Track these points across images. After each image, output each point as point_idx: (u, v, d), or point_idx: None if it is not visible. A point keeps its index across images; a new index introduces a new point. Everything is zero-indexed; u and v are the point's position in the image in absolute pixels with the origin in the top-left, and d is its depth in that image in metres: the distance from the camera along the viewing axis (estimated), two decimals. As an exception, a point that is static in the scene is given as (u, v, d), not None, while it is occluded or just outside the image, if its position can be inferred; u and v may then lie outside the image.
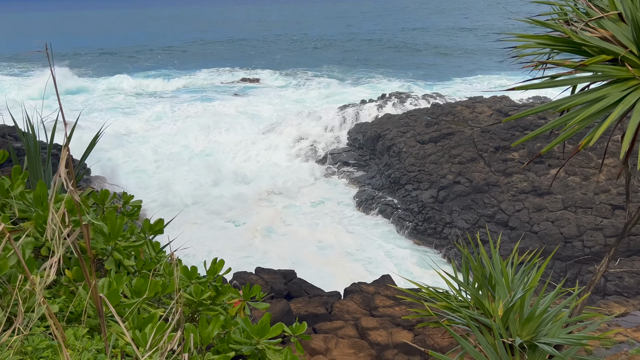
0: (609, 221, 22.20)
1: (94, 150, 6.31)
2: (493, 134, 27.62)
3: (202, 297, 2.86)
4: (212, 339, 2.74)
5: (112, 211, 3.71)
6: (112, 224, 3.14)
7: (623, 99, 2.20)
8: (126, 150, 36.59)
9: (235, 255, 23.68)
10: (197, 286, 2.89)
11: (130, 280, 2.97)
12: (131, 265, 3.27)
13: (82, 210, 3.31)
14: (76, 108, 44.50)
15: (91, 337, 2.38)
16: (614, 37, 2.38)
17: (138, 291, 2.86)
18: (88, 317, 2.65)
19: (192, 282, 3.04)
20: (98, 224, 3.19)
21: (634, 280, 20.04)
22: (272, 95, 52.66)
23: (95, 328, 2.59)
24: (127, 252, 3.32)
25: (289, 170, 33.32)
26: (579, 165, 24.90)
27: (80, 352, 2.12)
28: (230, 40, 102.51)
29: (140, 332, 2.38)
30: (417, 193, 27.39)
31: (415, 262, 23.32)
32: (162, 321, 2.44)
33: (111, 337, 2.28)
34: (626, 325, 13.43)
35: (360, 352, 12.51)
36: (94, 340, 2.29)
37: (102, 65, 75.12)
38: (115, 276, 2.80)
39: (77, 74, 64.61)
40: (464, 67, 64.88)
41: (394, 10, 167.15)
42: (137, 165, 34.66)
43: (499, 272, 3.31)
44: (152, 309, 2.91)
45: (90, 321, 2.64)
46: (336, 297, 16.21)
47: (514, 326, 2.97)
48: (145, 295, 2.82)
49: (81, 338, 2.23)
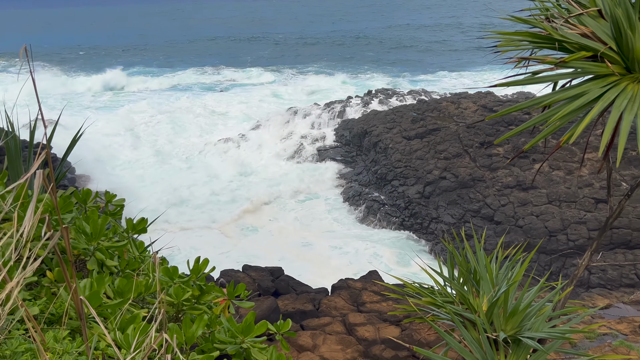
0: (592, 215, 22.47)
1: (81, 149, 6.24)
2: (478, 130, 27.80)
3: (184, 297, 2.83)
4: (197, 338, 2.72)
5: (94, 210, 3.66)
6: (94, 223, 3.10)
7: (603, 95, 2.21)
8: (113, 150, 36.27)
9: (221, 252, 23.61)
10: (178, 287, 2.86)
11: (113, 280, 2.93)
12: (114, 265, 3.23)
13: (62, 210, 3.27)
14: (57, 107, 43.92)
15: (72, 340, 2.34)
16: (594, 33, 2.39)
17: (121, 292, 2.82)
18: (70, 319, 2.62)
19: (175, 281, 3.01)
20: (80, 224, 3.15)
21: (617, 273, 20.32)
22: (258, 93, 52.44)
23: (77, 330, 2.56)
24: (110, 252, 3.28)
25: (279, 176, 32.37)
26: (563, 160, 25.15)
27: (61, 354, 2.09)
28: (216, 37, 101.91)
29: (123, 334, 2.35)
30: (403, 189, 27.49)
31: (403, 258, 23.42)
32: (145, 322, 2.41)
33: (92, 339, 2.25)
34: (609, 317, 13.62)
35: (348, 348, 12.55)
36: (75, 343, 2.26)
37: (86, 62, 74.28)
38: (97, 277, 2.77)
39: (64, 72, 63.96)
40: (449, 64, 65.16)
41: (379, 6, 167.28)
42: (123, 163, 34.39)
43: (483, 267, 3.32)
44: (135, 310, 2.88)
45: (72, 323, 2.60)
46: (324, 293, 16.23)
47: (498, 321, 2.99)
48: (128, 295, 2.79)
49: (61, 340, 2.20)
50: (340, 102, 42.30)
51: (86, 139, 34.31)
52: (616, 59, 2.29)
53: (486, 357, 2.84)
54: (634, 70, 2.26)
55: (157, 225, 4.46)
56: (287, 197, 29.90)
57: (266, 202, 29.40)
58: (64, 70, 67.11)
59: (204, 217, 27.71)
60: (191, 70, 66.74)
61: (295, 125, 39.03)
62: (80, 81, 58.79)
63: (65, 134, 15.72)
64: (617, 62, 2.29)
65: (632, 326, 12.75)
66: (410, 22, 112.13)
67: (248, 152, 36.48)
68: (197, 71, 66.03)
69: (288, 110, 41.55)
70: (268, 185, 31.17)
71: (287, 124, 39.47)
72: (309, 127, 38.54)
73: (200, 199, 29.54)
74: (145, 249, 3.82)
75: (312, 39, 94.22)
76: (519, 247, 3.73)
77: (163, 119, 43.59)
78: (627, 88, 2.22)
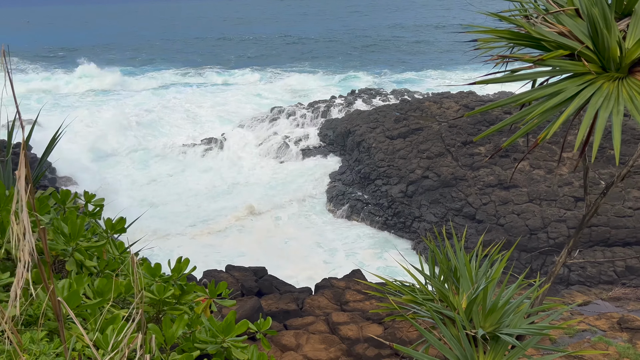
0: (572, 213, 22.80)
1: (62, 150, 6.15)
2: (460, 129, 28.02)
3: (165, 296, 2.81)
4: (177, 338, 2.70)
5: (73, 211, 3.62)
6: (72, 224, 3.06)
7: (579, 93, 2.24)
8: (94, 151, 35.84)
9: (203, 252, 23.47)
10: (160, 285, 2.84)
11: (93, 281, 2.90)
12: (93, 265, 3.20)
13: (40, 211, 3.22)
14: (39, 108, 43.26)
15: (50, 341, 2.31)
16: (571, 32, 2.43)
17: (100, 292, 2.79)
18: (48, 320, 2.58)
19: (156, 280, 2.98)
20: (58, 225, 3.11)
21: (595, 270, 20.65)
22: (241, 92, 52.25)
23: (55, 331, 2.53)
24: (90, 253, 3.24)
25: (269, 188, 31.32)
26: (543, 159, 25.47)
27: (37, 356, 2.06)
28: (200, 37, 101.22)
29: (102, 334, 2.32)
30: (386, 188, 27.60)
31: (386, 257, 23.52)
32: (124, 322, 2.39)
33: (71, 339, 2.23)
34: (588, 313, 13.83)
35: (331, 347, 12.56)
36: (52, 344, 2.23)
37: (67, 62, 73.26)
38: (76, 277, 2.73)
39: (45, 72, 63.12)
40: (432, 63, 65.60)
41: (362, 7, 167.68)
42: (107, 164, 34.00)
43: (463, 265, 3.35)
44: (115, 310, 2.85)
45: (50, 324, 2.57)
46: (307, 292, 16.23)
47: (477, 318, 3.02)
48: (108, 296, 2.76)
49: (39, 342, 2.17)
50: (324, 102, 42.35)
51: (67, 140, 33.88)
52: (593, 58, 2.32)
53: (465, 354, 2.86)
54: (610, 69, 2.29)
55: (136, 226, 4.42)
56: (270, 197, 29.83)
57: (248, 201, 29.29)
58: (45, 70, 66.16)
59: (185, 219, 27.49)
60: (172, 70, 66.25)
61: (279, 124, 38.99)
62: (61, 81, 58.01)
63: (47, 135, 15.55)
64: (594, 61, 2.33)
65: (611, 322, 12.96)
66: (393, 23, 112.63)
67: (231, 152, 36.33)
68: (179, 71, 65.57)
69: (272, 110, 41.49)
70: (250, 185, 31.07)
71: (270, 123, 39.41)
72: (293, 127, 38.51)
73: (182, 200, 29.33)
74: (125, 249, 3.78)
75: (295, 38, 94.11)
76: (498, 245, 3.76)
77: (145, 119, 43.20)
78: (602, 86, 2.25)
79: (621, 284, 19.69)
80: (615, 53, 2.24)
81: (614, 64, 2.26)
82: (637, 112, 2.11)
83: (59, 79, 59.48)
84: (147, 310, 2.98)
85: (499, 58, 2.66)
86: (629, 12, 2.44)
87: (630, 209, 22.18)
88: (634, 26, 2.30)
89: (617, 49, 2.24)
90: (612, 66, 2.27)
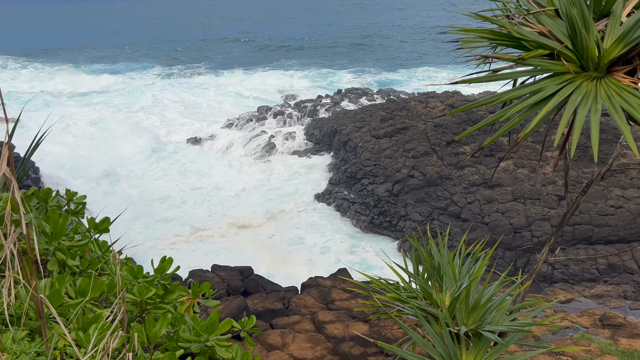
0: (555, 211, 23.05)
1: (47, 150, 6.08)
2: (445, 129, 28.19)
3: (146, 297, 2.80)
4: (161, 337, 2.69)
5: (55, 210, 3.59)
6: (54, 223, 3.04)
7: (558, 91, 2.28)
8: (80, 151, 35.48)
9: (187, 251, 23.38)
10: (143, 285, 2.83)
11: (75, 280, 2.88)
12: (76, 265, 3.17)
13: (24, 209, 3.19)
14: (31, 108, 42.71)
15: (31, 340, 2.30)
16: (551, 32, 2.46)
17: (83, 291, 2.77)
18: (29, 320, 2.56)
19: (139, 280, 2.97)
20: (39, 224, 3.08)
21: (578, 268, 20.91)
22: (228, 92, 52.09)
23: (37, 330, 2.51)
24: (72, 252, 3.22)
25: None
26: (527, 158, 25.73)
27: (18, 355, 2.05)
28: (184, 36, 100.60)
29: (85, 333, 2.31)
30: (372, 187, 27.70)
31: (372, 255, 23.60)
32: (106, 321, 2.38)
33: (52, 338, 2.21)
34: (571, 310, 14.01)
35: (317, 345, 12.58)
36: (33, 343, 2.21)
37: (50, 60, 72.39)
38: (58, 276, 2.72)
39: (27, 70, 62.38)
40: (416, 62, 65.89)
41: (349, 6, 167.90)
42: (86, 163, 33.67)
43: (447, 263, 3.38)
44: (98, 309, 2.83)
45: (32, 323, 2.55)
46: (293, 292, 16.24)
47: (460, 315, 3.05)
48: (90, 295, 2.75)
49: (19, 341, 2.15)
50: (311, 101, 42.38)
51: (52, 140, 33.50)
52: (572, 57, 2.36)
53: (448, 351, 2.89)
54: (588, 68, 2.33)
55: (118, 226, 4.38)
56: (257, 196, 29.77)
57: (234, 200, 29.20)
58: (24, 68, 65.35)
59: (170, 221, 27.30)
60: (158, 68, 65.79)
61: (265, 124, 38.94)
62: (46, 80, 57.34)
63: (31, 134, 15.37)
64: (573, 61, 2.36)
65: (593, 319, 13.14)
66: (378, 23, 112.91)
67: (218, 151, 36.22)
68: (164, 69, 65.13)
69: (258, 110, 41.41)
70: (237, 184, 30.97)
71: (257, 123, 39.34)
72: (280, 126, 38.49)
73: (169, 200, 29.15)
74: (108, 249, 3.76)
75: (284, 39, 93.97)
76: (481, 243, 3.80)
77: (130, 118, 42.88)
78: (581, 85, 2.29)
79: (603, 282, 19.96)
80: (593, 53, 2.28)
81: (592, 63, 2.30)
82: (615, 110, 2.15)
83: (41, 78, 58.75)
84: (131, 309, 2.97)
85: (481, 58, 2.69)
86: (607, 12, 2.48)
87: (612, 207, 22.50)
88: (612, 26, 2.34)
89: (596, 48, 2.28)
90: (591, 65, 2.31)
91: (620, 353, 11.33)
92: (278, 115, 39.53)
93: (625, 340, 12.17)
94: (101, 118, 42.14)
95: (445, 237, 3.69)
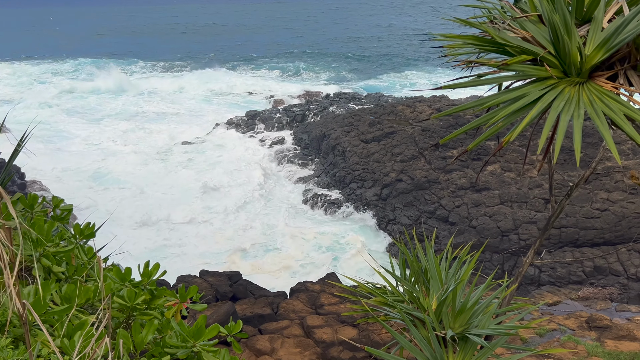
0: (542, 214, 23.24)
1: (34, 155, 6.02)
2: (433, 133, 28.34)
3: (135, 302, 2.78)
4: (147, 343, 2.67)
5: (40, 216, 3.56)
6: (39, 229, 3.01)
7: (542, 97, 2.31)
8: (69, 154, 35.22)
9: (175, 255, 23.24)
10: (130, 290, 2.81)
11: (61, 287, 2.86)
12: (61, 271, 3.15)
13: (9, 215, 3.16)
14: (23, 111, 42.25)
15: (15, 348, 2.27)
16: (534, 38, 2.49)
17: (69, 298, 2.75)
18: (13, 327, 2.54)
19: (126, 284, 2.95)
20: (25, 230, 3.06)
21: (565, 271, 21.08)
22: (217, 96, 51.96)
23: (21, 338, 2.48)
24: (58, 258, 3.19)
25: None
26: (514, 162, 25.93)
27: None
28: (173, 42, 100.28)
29: (70, 340, 2.29)
30: (361, 191, 27.76)
31: (359, 259, 23.61)
32: (92, 328, 2.36)
33: (36, 346, 2.19)
34: (558, 313, 14.12)
35: (306, 350, 12.55)
36: (17, 351, 2.19)
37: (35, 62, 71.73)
38: (43, 283, 2.69)
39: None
40: (406, 67, 66.23)
41: (335, 12, 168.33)
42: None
43: (433, 267, 3.40)
44: (84, 316, 2.81)
45: (16, 331, 2.53)
46: (282, 297, 16.19)
47: (447, 319, 3.06)
48: (75, 302, 2.72)
49: (3, 348, 2.13)
50: (299, 106, 42.43)
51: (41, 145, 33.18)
52: (554, 63, 2.39)
53: (435, 355, 2.90)
54: (571, 73, 2.36)
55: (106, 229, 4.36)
56: (245, 201, 29.67)
57: (223, 205, 29.08)
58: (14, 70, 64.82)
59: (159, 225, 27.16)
60: (142, 67, 65.43)
61: (254, 128, 38.90)
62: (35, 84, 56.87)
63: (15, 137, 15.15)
64: (556, 66, 2.39)
65: (579, 321, 13.26)
66: (366, 28, 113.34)
67: (206, 155, 36.07)
68: (150, 68, 64.75)
69: (247, 114, 41.35)
70: (225, 189, 30.85)
71: (245, 127, 39.29)
72: (268, 131, 38.47)
73: (156, 203, 28.96)
74: (94, 255, 3.73)
75: (273, 44, 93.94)
76: (468, 247, 3.83)
77: (120, 124, 42.63)
78: (564, 90, 2.32)
79: (589, 284, 20.14)
80: (575, 58, 2.31)
81: (574, 68, 2.33)
82: (597, 115, 2.18)
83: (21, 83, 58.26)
84: (117, 315, 2.95)
85: (465, 63, 2.71)
86: (589, 18, 2.52)
87: (597, 210, 22.73)
88: (594, 32, 2.37)
89: (578, 54, 2.31)
90: (573, 71, 2.34)
91: (607, 355, 11.43)
92: (266, 120, 39.52)
93: (611, 342, 12.29)
94: (84, 123, 41.82)
95: (432, 241, 3.70)
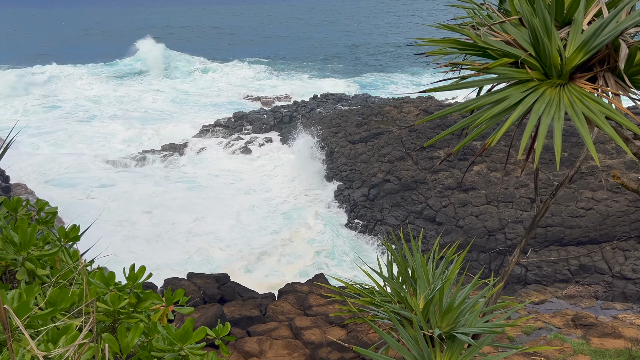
0: (528, 214, 23.45)
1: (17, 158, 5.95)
2: (420, 133, 28.48)
3: (120, 306, 2.77)
4: (133, 347, 2.66)
5: (24, 219, 3.53)
6: (23, 232, 2.99)
7: (523, 100, 2.34)
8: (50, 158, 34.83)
9: (164, 260, 23.10)
10: (115, 294, 2.80)
11: (45, 291, 2.83)
12: (46, 274, 3.13)
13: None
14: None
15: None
16: (515, 40, 2.53)
17: (53, 302, 2.73)
18: (-3, 333, 2.51)
19: (111, 289, 2.94)
20: (7, 234, 3.03)
21: (551, 269, 21.29)
22: (205, 98, 51.77)
23: (3, 343, 2.46)
24: (42, 262, 3.17)
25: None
26: (500, 162, 26.14)
27: (-17, 369, 2.01)
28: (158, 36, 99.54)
29: (54, 345, 2.28)
30: (349, 192, 27.82)
31: (347, 260, 23.66)
32: (77, 332, 2.35)
33: (19, 351, 2.17)
34: (544, 311, 14.26)
35: (295, 352, 12.55)
36: (0, 356, 2.17)
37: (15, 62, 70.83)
38: (26, 287, 2.67)
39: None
40: (392, 68, 66.50)
41: (326, 13, 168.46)
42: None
43: (420, 267, 3.43)
44: (69, 320, 2.79)
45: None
46: (270, 298, 16.17)
47: (434, 318, 3.09)
48: (60, 306, 2.71)
49: (-14, 355, 2.11)
50: (287, 107, 42.39)
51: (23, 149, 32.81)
52: (535, 65, 2.42)
53: (422, 354, 2.92)
54: (552, 76, 2.40)
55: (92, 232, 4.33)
56: (233, 202, 29.58)
57: (208, 206, 28.97)
58: None
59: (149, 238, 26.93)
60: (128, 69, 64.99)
61: (241, 130, 38.81)
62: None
63: None
64: (536, 68, 2.43)
65: (565, 319, 13.40)
66: (352, 30, 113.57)
67: (193, 159, 35.90)
68: (137, 66, 64.36)
69: (234, 116, 41.23)
70: (212, 189, 30.74)
71: (232, 129, 39.18)
72: (255, 132, 38.40)
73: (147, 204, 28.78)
74: (79, 258, 3.70)
75: (263, 41, 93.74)
76: (454, 246, 3.86)
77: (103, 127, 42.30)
78: (545, 93, 2.35)
79: (575, 282, 20.37)
80: (556, 60, 2.34)
81: (555, 71, 2.36)
82: (577, 117, 2.22)
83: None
84: (102, 319, 2.93)
85: (448, 65, 2.74)
86: (569, 20, 2.56)
87: (582, 209, 22.98)
88: (574, 34, 2.41)
89: (558, 56, 2.34)
90: (554, 73, 2.38)
91: (592, 352, 11.57)
92: (253, 122, 39.45)
93: (597, 339, 12.43)
94: (66, 125, 41.33)
95: (419, 241, 3.73)
